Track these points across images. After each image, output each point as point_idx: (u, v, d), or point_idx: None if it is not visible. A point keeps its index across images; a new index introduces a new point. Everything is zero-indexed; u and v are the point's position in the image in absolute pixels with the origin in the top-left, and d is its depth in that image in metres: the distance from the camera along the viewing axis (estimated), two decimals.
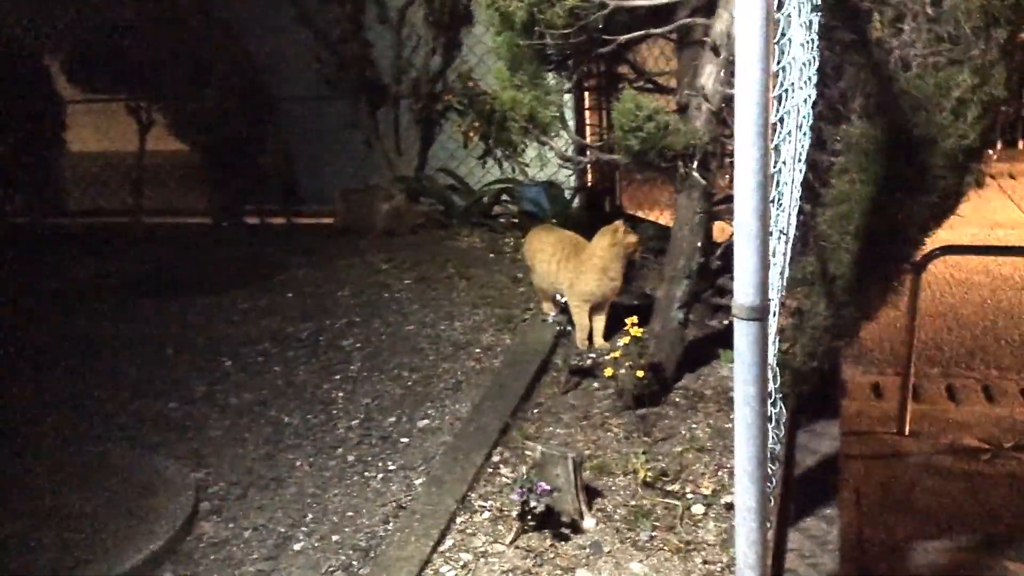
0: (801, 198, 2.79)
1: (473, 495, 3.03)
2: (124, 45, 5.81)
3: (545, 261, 4.14)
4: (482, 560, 2.71)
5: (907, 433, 3.89)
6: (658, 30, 3.52)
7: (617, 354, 3.53)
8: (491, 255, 5.42)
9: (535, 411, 3.59)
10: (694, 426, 3.41)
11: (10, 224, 6.18)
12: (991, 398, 4.24)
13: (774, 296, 2.19)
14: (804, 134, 2.67)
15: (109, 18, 5.77)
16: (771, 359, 2.15)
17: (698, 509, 2.89)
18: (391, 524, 2.91)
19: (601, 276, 3.91)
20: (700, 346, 3.93)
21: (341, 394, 3.81)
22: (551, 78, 3.85)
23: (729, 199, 3.73)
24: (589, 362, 3.92)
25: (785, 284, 2.74)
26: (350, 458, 3.33)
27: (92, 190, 7.03)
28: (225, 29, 6.17)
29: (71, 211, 6.79)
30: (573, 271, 3.99)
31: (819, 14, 2.73)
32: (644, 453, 3.12)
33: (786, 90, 2.21)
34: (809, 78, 2.60)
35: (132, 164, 6.60)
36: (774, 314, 2.28)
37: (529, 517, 2.77)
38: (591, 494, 2.95)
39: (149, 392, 3.91)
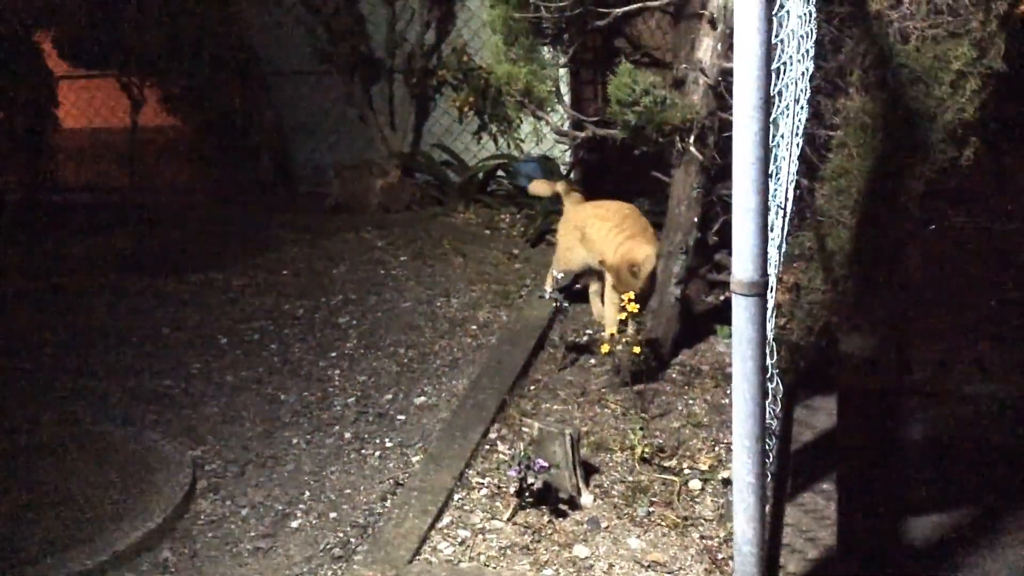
0: (798, 172, 2.77)
1: (470, 472, 3.04)
2: (114, 19, 5.74)
3: (601, 228, 3.85)
4: (480, 536, 2.72)
5: None
6: (655, 3, 3.48)
7: (614, 330, 3.53)
8: (487, 231, 5.39)
9: (532, 388, 3.59)
10: (691, 402, 3.41)
11: (2, 200, 6.13)
12: None
13: (772, 271, 2.18)
14: (802, 108, 2.64)
15: None
16: (769, 335, 2.14)
17: (695, 484, 2.90)
18: (389, 501, 2.92)
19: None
20: (697, 322, 3.92)
21: (338, 372, 3.81)
22: (547, 52, 3.81)
23: (726, 174, 3.72)
24: (586, 338, 3.92)
25: (782, 259, 2.73)
26: (347, 435, 3.33)
27: (85, 166, 6.98)
28: (217, 2, 6.09)
29: (64, 187, 6.74)
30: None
31: None
32: (641, 429, 3.12)
33: (784, 63, 2.19)
34: (807, 51, 2.57)
35: (124, 140, 6.55)
36: (771, 289, 2.27)
37: (527, 494, 2.78)
38: (589, 470, 2.96)
39: (145, 369, 3.90)
